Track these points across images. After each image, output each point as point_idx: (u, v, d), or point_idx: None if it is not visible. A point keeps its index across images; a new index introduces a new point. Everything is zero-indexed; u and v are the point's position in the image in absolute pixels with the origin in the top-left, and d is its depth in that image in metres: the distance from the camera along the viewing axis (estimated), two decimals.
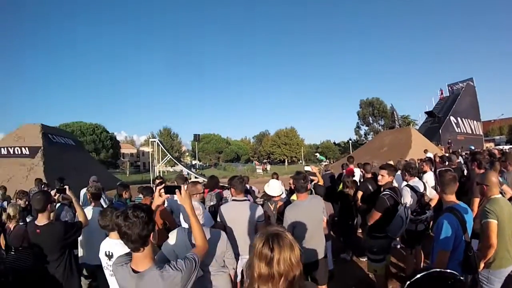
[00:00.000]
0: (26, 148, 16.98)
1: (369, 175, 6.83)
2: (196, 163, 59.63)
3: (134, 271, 1.95)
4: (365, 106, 67.72)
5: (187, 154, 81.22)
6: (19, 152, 16.99)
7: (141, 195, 6.08)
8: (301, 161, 65.70)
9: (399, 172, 6.26)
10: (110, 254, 3.13)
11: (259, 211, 4.17)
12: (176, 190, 2.42)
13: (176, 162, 36.85)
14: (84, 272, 4.36)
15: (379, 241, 4.47)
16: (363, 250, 5.73)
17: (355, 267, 6.09)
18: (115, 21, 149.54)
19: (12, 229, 4.68)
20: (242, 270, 3.93)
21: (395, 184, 5.01)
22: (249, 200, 4.39)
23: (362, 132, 69.88)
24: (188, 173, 27.05)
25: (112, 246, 3.12)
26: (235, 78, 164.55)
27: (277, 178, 6.71)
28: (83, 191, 7.17)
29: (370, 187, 5.95)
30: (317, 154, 56.83)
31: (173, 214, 5.02)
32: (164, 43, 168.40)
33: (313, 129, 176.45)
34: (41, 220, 3.62)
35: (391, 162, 7.42)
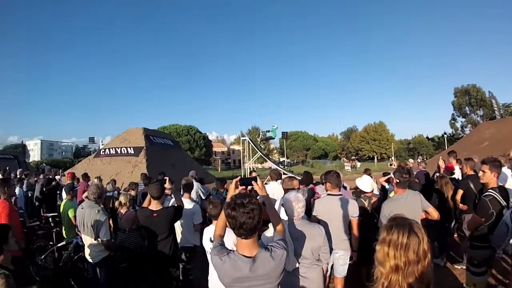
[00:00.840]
0: (131, 148, 19.05)
1: (471, 172, 6.02)
2: (284, 160, 60.15)
3: (246, 257, 2.06)
4: (461, 95, 58.76)
5: (275, 151, 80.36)
6: (125, 152, 19.14)
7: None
8: (392, 158, 59.94)
9: (506, 169, 5.54)
10: None
11: (354, 206, 4.14)
12: (253, 181, 2.53)
13: (266, 158, 37.60)
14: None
15: (480, 252, 3.86)
16: (459, 255, 5.42)
17: (448, 274, 5.48)
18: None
19: (123, 214, 5.63)
20: (333, 265, 4.05)
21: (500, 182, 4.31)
22: (343, 195, 4.33)
23: (458, 124, 61.20)
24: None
25: None
26: (321, 74, 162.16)
27: (370, 174, 6.67)
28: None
29: (472, 186, 5.42)
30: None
31: None
32: (252, 45, 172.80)
33: (403, 123, 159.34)
34: (157, 205, 4.25)
35: None
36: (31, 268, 5.90)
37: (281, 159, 65.50)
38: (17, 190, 8.48)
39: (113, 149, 19.98)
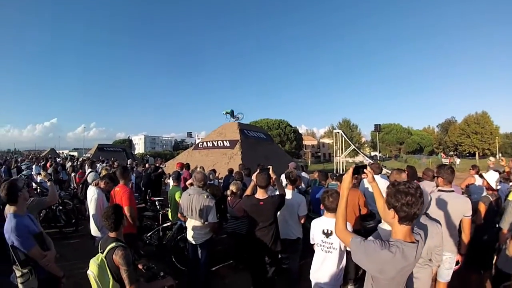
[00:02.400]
0: (227, 141, 19.84)
1: None
2: (375, 155, 57.33)
3: (412, 243, 2.05)
4: None
5: (366, 145, 76.51)
6: (222, 145, 20.00)
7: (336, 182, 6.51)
8: (498, 156, 50.27)
9: None
10: (329, 232, 3.52)
11: (467, 204, 3.88)
12: (365, 169, 2.51)
13: (359, 151, 36.29)
14: None
15: None
16: None
17: None
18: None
19: (235, 202, 5.99)
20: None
21: None
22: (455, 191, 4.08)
23: None
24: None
25: (331, 224, 3.44)
26: (415, 59, 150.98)
27: (478, 172, 6.19)
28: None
29: None
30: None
31: None
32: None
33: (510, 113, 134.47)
34: (263, 194, 4.36)
35: None
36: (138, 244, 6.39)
37: (372, 153, 62.46)
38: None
39: (210, 142, 20.96)
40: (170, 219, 6.71)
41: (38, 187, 9.21)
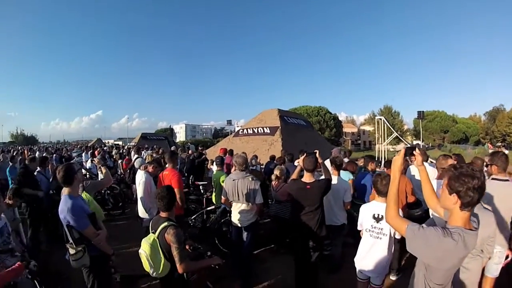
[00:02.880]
0: (267, 128, 19.82)
1: None
2: (418, 144, 54.96)
3: (472, 230, 1.94)
4: None
5: (408, 133, 72.19)
6: (262, 131, 20.05)
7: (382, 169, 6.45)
8: None
9: None
10: (380, 216, 3.44)
11: None
12: (414, 151, 2.44)
13: (402, 139, 35.06)
14: None
15: None
16: None
17: None
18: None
19: (278, 186, 6.09)
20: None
21: None
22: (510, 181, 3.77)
23: None
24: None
25: (382, 209, 3.37)
26: (461, 41, 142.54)
27: None
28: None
29: None
30: None
31: None
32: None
33: None
34: (309, 178, 4.28)
35: None
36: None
37: (415, 142, 59.75)
38: None
39: (251, 129, 21.14)
40: (214, 202, 6.80)
41: (87, 173, 9.56)
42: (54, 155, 14.11)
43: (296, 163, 8.33)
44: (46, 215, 6.63)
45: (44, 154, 11.34)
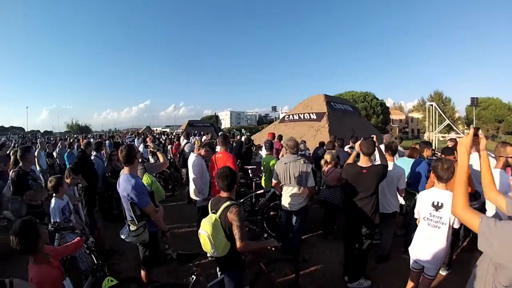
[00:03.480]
0: (314, 114, 19.52)
1: None
2: (478, 128, 51.12)
3: None
4: None
5: (459, 122, 65.11)
6: (308, 117, 19.78)
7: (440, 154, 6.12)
8: None
9: None
10: (439, 204, 3.30)
11: None
12: (478, 133, 2.27)
13: (454, 127, 33.10)
14: None
15: None
16: None
17: None
18: None
19: (328, 171, 6.08)
20: None
21: None
22: None
23: None
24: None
25: (442, 196, 3.28)
26: None
27: None
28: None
29: None
30: None
31: None
32: None
33: None
34: (366, 162, 4.22)
35: None
36: None
37: (466, 131, 55.37)
38: None
39: (297, 115, 20.88)
40: (263, 186, 6.83)
41: (140, 157, 9.93)
42: (107, 141, 14.81)
43: (346, 148, 8.31)
44: (102, 195, 7.07)
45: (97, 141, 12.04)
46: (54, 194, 4.24)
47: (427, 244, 3.36)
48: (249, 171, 8.79)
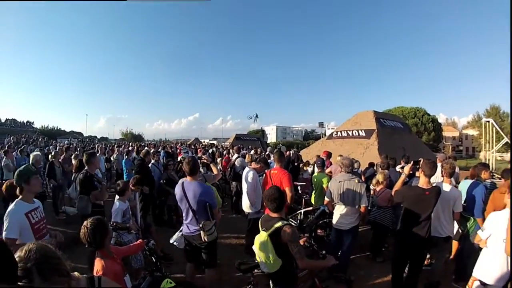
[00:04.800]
0: (363, 131, 19.31)
1: None
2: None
3: None
4: None
5: None
6: (357, 134, 19.58)
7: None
8: None
9: None
10: None
11: None
12: None
13: None
14: None
15: None
16: None
17: None
18: None
19: (380, 191, 6.08)
20: None
21: None
22: None
23: None
24: None
25: None
26: None
27: None
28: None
29: None
30: None
31: None
32: None
33: None
34: (427, 184, 4.17)
35: None
36: None
37: None
38: None
39: (345, 131, 20.77)
40: (313, 203, 6.93)
41: None
42: (162, 151, 15.65)
43: (398, 168, 8.17)
44: (155, 201, 7.63)
45: (152, 150, 12.85)
46: (118, 197, 4.78)
47: (499, 267, 3.36)
48: (298, 187, 8.87)
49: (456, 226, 5.05)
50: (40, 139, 38.95)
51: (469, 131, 70.62)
